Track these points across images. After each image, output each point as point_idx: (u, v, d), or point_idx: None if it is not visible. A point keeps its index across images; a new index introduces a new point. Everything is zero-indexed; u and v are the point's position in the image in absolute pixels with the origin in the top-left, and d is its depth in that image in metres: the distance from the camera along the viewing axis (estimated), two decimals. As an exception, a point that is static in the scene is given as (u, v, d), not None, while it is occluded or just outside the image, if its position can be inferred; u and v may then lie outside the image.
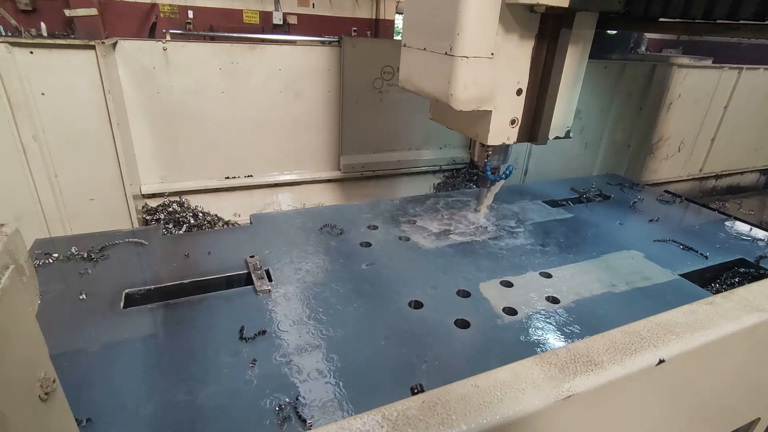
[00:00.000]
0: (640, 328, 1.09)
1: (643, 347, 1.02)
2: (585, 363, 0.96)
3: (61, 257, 1.84)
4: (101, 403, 1.22)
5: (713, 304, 1.20)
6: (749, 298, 1.23)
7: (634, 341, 1.04)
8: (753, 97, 4.82)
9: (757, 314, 1.17)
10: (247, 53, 2.83)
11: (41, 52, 2.18)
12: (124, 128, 2.58)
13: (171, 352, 1.41)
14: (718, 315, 1.16)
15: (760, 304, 1.20)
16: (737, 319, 1.15)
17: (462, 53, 1.73)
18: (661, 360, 1.00)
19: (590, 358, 0.98)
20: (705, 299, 1.23)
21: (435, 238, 2.20)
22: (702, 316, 1.15)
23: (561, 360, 0.97)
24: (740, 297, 1.23)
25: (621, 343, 1.03)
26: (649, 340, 1.05)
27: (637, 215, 2.66)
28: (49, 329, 1.45)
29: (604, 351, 1.00)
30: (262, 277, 1.80)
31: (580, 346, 1.02)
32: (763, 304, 1.20)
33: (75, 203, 2.50)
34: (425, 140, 3.65)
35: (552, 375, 0.93)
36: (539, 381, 0.92)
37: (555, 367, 0.95)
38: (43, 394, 0.59)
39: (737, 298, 1.23)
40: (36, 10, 7.32)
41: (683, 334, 1.07)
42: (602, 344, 1.03)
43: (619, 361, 0.98)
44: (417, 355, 1.43)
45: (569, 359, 0.97)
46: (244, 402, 1.25)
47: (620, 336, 1.05)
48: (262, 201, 3.24)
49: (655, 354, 1.01)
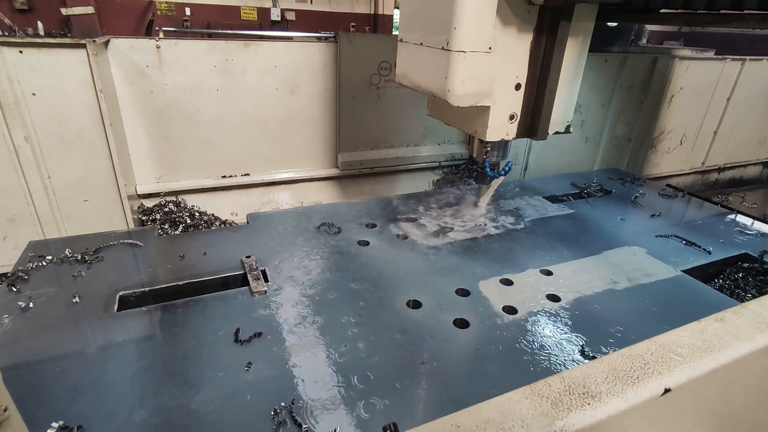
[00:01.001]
0: (642, 351, 0.98)
1: (646, 375, 0.92)
2: (581, 395, 0.86)
3: (55, 259, 1.82)
4: (93, 409, 1.20)
5: (723, 321, 1.10)
6: (763, 313, 1.12)
7: (637, 367, 0.93)
8: (756, 88, 4.76)
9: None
10: (242, 50, 2.79)
11: (31, 51, 2.14)
12: (117, 128, 2.54)
13: (165, 356, 1.39)
14: (729, 334, 1.05)
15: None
16: (750, 339, 1.04)
17: (459, 48, 1.69)
18: (667, 389, 0.90)
19: (587, 388, 0.88)
20: (714, 315, 1.13)
21: (434, 235, 2.17)
22: (711, 335, 1.04)
23: (554, 392, 0.87)
24: (753, 312, 1.12)
25: (622, 369, 0.93)
26: (653, 365, 0.94)
27: (639, 210, 2.63)
28: (40, 333, 1.44)
29: (602, 380, 0.90)
30: (258, 277, 1.77)
31: (576, 374, 0.92)
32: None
33: (69, 204, 2.48)
34: (424, 136, 3.61)
35: (543, 411, 0.83)
36: (529, 419, 0.82)
37: (547, 401, 0.85)
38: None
39: (749, 314, 1.12)
40: (32, 9, 7.28)
41: (691, 358, 0.96)
42: (600, 371, 0.92)
43: (619, 392, 0.88)
44: (415, 357, 1.41)
45: (563, 391, 0.87)
46: (239, 406, 1.22)
47: (621, 361, 0.95)
48: (259, 200, 3.21)
49: (660, 382, 0.90)
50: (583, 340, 1.51)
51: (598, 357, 1.31)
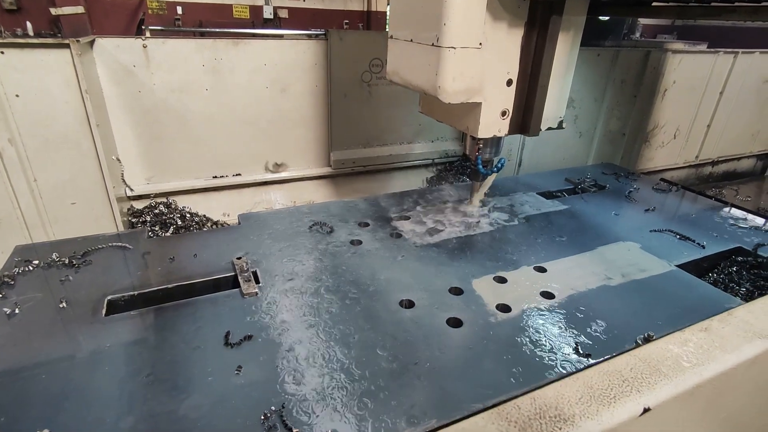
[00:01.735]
0: (621, 367, 0.91)
1: (624, 393, 0.85)
2: (551, 418, 0.79)
3: (42, 264, 1.79)
4: (79, 417, 1.17)
5: (708, 330, 1.03)
6: (750, 321, 1.05)
7: (614, 385, 0.87)
8: (749, 81, 4.77)
9: (759, 342, 0.99)
10: (231, 49, 2.76)
11: (13, 52, 2.10)
12: (104, 129, 2.50)
13: (153, 361, 1.37)
14: (714, 345, 0.98)
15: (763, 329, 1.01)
16: (737, 350, 0.97)
17: (449, 44, 1.67)
18: (646, 408, 0.84)
19: (559, 410, 0.81)
20: (700, 324, 1.06)
21: (427, 233, 2.16)
22: (695, 347, 0.97)
23: (523, 415, 0.80)
24: (740, 320, 1.06)
25: (598, 388, 0.86)
26: (631, 382, 0.88)
27: (633, 205, 2.63)
28: (26, 340, 1.42)
29: (576, 400, 0.83)
30: (249, 279, 1.75)
31: (549, 394, 0.85)
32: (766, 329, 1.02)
33: (56, 207, 2.44)
34: (417, 134, 3.59)
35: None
36: None
37: (515, 426, 0.78)
38: None
39: (736, 322, 1.05)
40: (21, 9, 7.19)
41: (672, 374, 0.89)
42: (575, 390, 0.85)
43: (594, 413, 0.80)
44: (408, 357, 1.39)
45: (533, 414, 0.81)
46: (229, 411, 1.20)
47: (598, 378, 0.88)
48: (251, 200, 3.19)
49: (639, 401, 0.84)
50: (578, 337, 1.50)
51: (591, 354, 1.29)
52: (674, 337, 1.00)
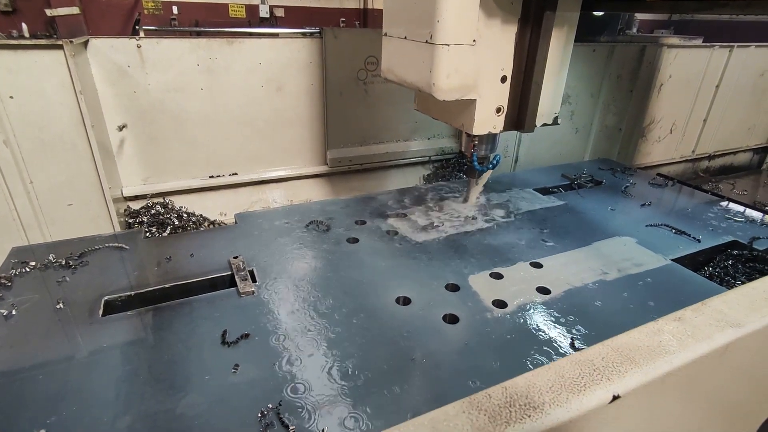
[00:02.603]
0: (593, 356, 0.93)
1: (594, 381, 0.87)
2: (521, 407, 0.81)
3: (39, 265, 1.80)
4: (76, 417, 1.18)
5: (681, 320, 1.04)
6: (724, 310, 1.07)
7: (585, 374, 0.88)
8: (745, 75, 4.77)
9: (731, 330, 1.01)
10: (225, 48, 2.75)
11: (6, 53, 2.09)
12: (100, 130, 2.50)
13: (150, 360, 1.37)
14: (686, 334, 0.99)
15: (735, 319, 1.04)
16: (708, 339, 0.98)
17: (443, 41, 1.67)
18: (616, 396, 0.85)
19: (529, 399, 0.83)
20: (674, 314, 1.08)
21: (423, 231, 2.16)
22: (668, 336, 0.98)
23: (494, 404, 0.82)
24: (714, 310, 1.07)
25: (569, 377, 0.87)
26: (602, 371, 0.89)
27: (629, 200, 2.63)
28: (24, 341, 1.42)
29: (547, 389, 0.85)
30: (245, 278, 1.76)
31: (520, 384, 0.86)
32: (739, 318, 1.04)
33: (53, 209, 2.44)
34: (413, 131, 3.59)
35: (479, 426, 0.78)
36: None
37: (485, 414, 0.80)
38: None
39: (710, 312, 1.07)
40: (16, 11, 7.15)
41: (643, 362, 0.91)
42: (546, 380, 0.87)
43: (563, 401, 0.82)
44: (405, 354, 1.40)
45: (503, 403, 0.82)
46: (226, 409, 1.21)
47: (569, 368, 0.90)
48: (248, 199, 3.18)
49: (608, 389, 0.85)
50: (573, 332, 1.51)
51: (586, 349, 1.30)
52: (648, 327, 1.02)
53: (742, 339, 1.02)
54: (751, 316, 1.06)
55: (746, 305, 1.09)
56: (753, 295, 1.14)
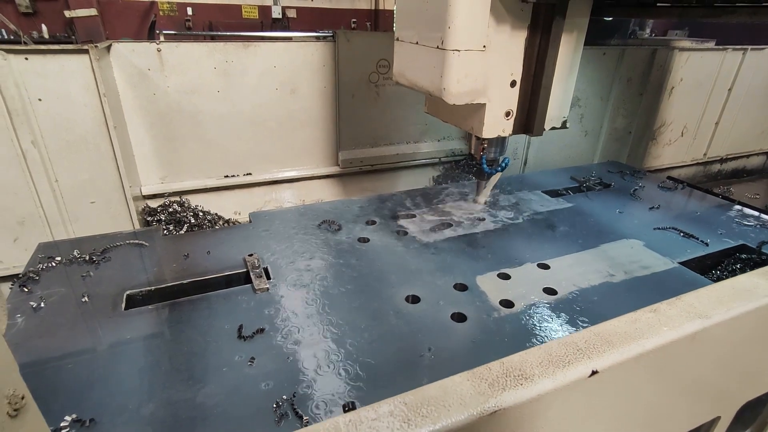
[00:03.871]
0: (578, 339, 1.08)
1: (577, 359, 1.02)
2: (516, 377, 0.96)
3: (64, 260, 1.87)
4: (104, 403, 1.24)
5: (657, 311, 1.19)
6: (695, 304, 1.21)
7: (570, 353, 1.03)
8: (758, 78, 4.73)
9: (699, 321, 1.16)
10: (241, 51, 2.83)
11: (36, 58, 2.19)
12: (121, 131, 2.59)
13: (171, 352, 1.44)
14: (659, 323, 1.14)
15: (704, 311, 1.18)
16: (679, 327, 1.13)
17: (453, 46, 1.71)
18: (594, 371, 1.00)
19: (522, 371, 0.97)
20: (650, 306, 1.22)
21: (433, 231, 2.20)
22: (643, 324, 1.13)
23: (493, 375, 0.97)
24: (686, 303, 1.22)
25: (556, 355, 1.03)
26: (585, 351, 1.04)
27: (638, 203, 2.64)
28: (52, 332, 1.50)
29: (537, 364, 1.00)
30: (260, 275, 1.81)
31: (515, 359, 1.01)
32: (707, 311, 1.19)
33: (76, 206, 2.54)
34: (423, 133, 3.63)
35: (481, 390, 0.93)
36: (466, 397, 0.91)
37: (485, 382, 0.95)
38: (12, 410, 0.61)
39: (683, 305, 1.21)
40: (36, 13, 7.35)
41: (620, 344, 1.06)
42: (537, 356, 1.02)
43: (550, 374, 0.97)
44: (414, 351, 1.45)
45: (501, 374, 0.97)
46: (243, 400, 1.27)
47: (557, 348, 1.05)
48: (262, 198, 3.26)
49: (588, 365, 1.00)
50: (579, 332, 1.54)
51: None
52: (626, 317, 1.18)
53: (709, 329, 1.17)
54: (718, 308, 1.20)
55: (714, 300, 1.23)
56: (722, 291, 1.28)
